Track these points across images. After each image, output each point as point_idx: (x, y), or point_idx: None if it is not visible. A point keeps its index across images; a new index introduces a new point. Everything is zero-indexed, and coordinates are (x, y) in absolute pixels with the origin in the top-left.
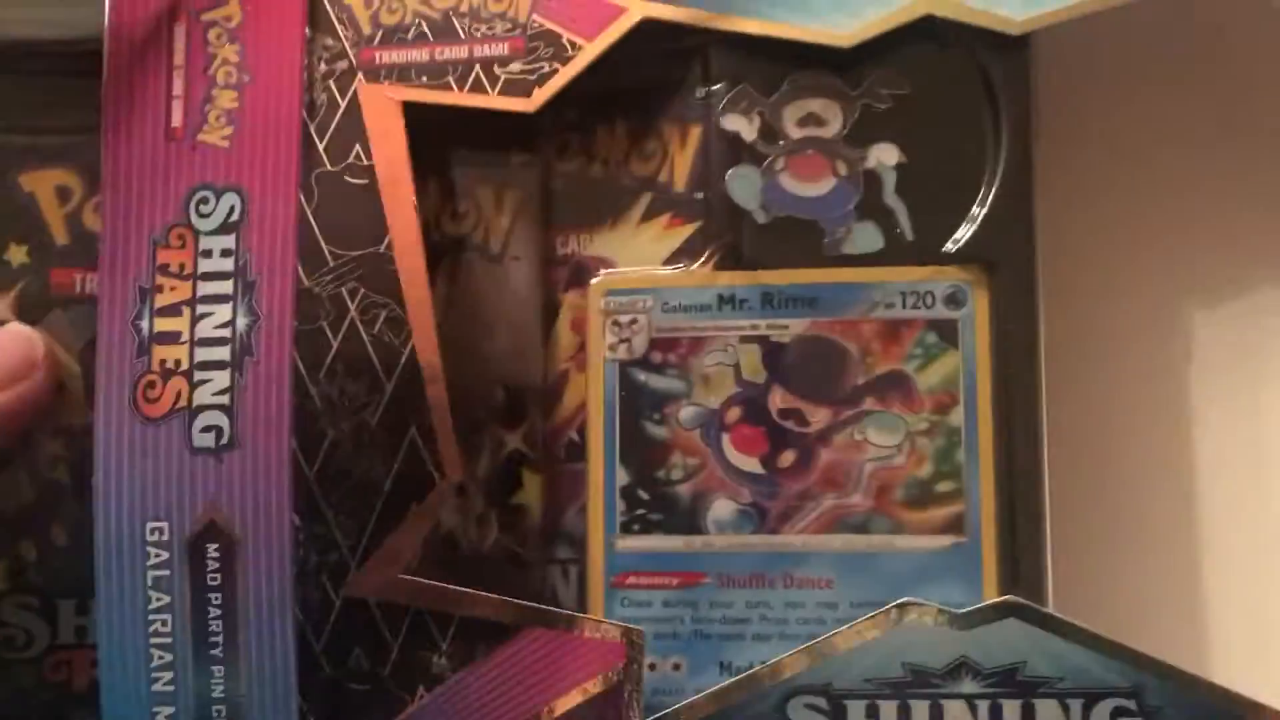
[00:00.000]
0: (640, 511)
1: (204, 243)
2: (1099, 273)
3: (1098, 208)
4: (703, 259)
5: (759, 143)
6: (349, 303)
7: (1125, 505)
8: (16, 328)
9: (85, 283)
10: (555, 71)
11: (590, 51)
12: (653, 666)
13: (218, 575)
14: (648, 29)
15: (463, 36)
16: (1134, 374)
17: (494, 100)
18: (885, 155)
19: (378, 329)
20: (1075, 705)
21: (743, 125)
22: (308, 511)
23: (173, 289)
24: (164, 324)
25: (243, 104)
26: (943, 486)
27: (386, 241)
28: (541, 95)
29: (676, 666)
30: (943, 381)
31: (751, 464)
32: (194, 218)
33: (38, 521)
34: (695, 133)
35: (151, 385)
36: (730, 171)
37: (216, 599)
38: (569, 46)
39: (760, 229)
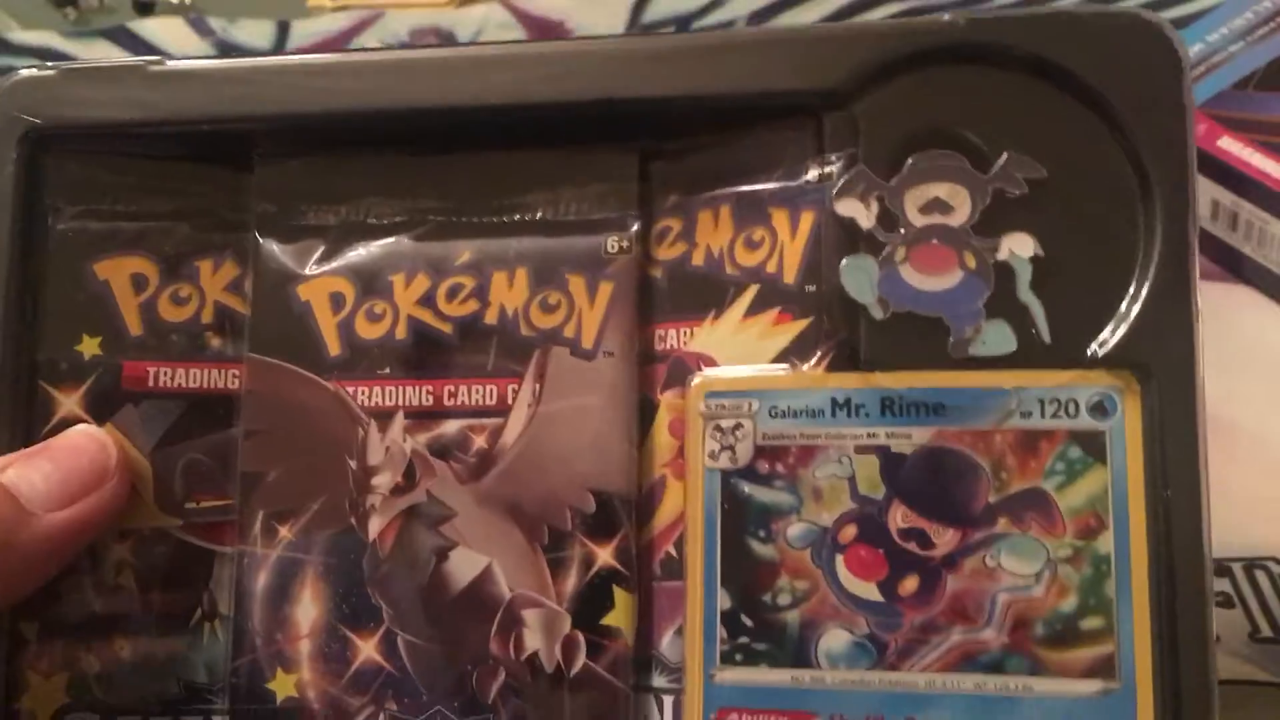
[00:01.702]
0: (743, 640)
1: None
2: None
3: None
4: (814, 359)
5: (877, 230)
6: None
7: None
8: (90, 432)
9: (159, 377)
10: None
11: None
12: None
13: None
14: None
15: None
16: None
17: None
18: (1019, 246)
19: None
20: None
21: (859, 211)
22: None
23: None
24: None
25: None
26: (1090, 623)
27: None
28: None
29: None
30: (1088, 502)
31: (869, 590)
32: None
33: (102, 631)
34: (808, 219)
35: None
36: (845, 261)
37: None
38: None
39: (878, 326)
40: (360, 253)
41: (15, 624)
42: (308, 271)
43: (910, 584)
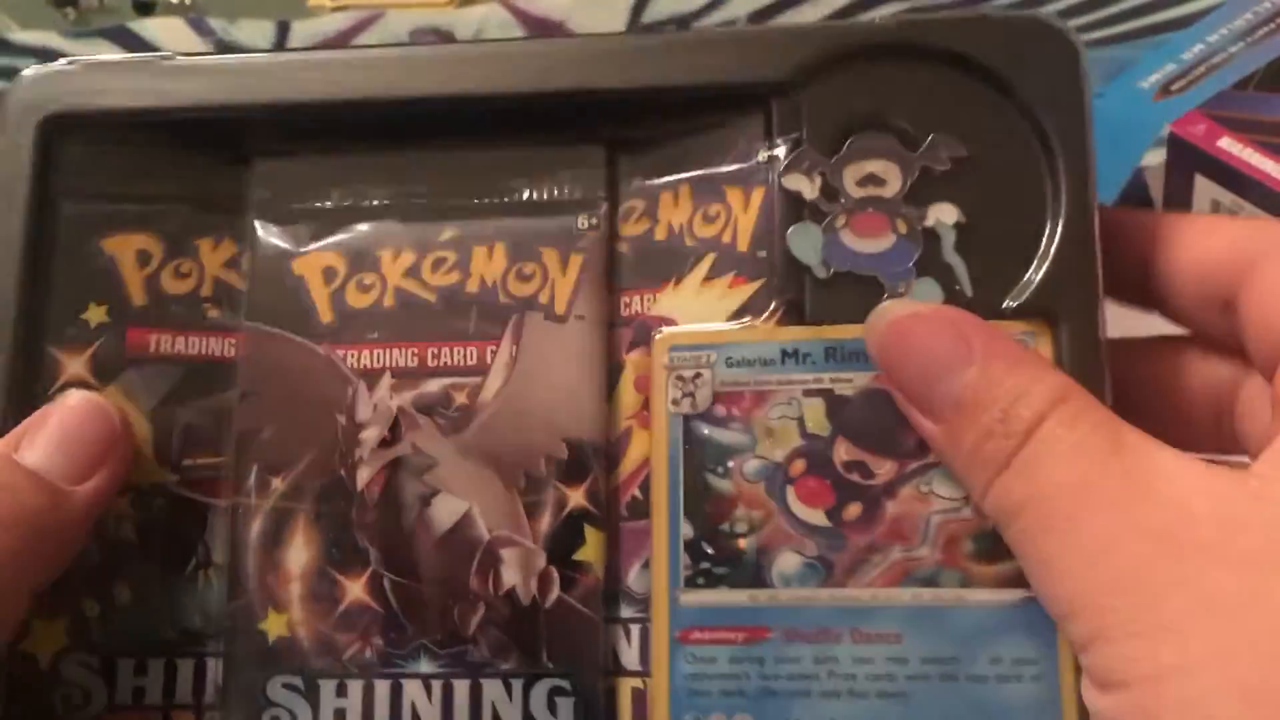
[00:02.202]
0: (705, 565)
1: None
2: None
3: None
4: (766, 315)
5: (820, 201)
6: None
7: None
8: (94, 399)
9: (159, 343)
10: None
11: None
12: None
13: None
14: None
15: None
16: None
17: None
18: (944, 214)
19: None
20: None
21: (804, 185)
22: None
23: None
24: None
25: None
26: None
27: None
28: None
29: None
30: None
31: (817, 516)
32: None
33: (102, 579)
34: (758, 195)
35: None
36: (792, 229)
37: None
38: None
39: (821, 284)
40: (351, 232)
41: None
42: (301, 249)
43: (854, 510)
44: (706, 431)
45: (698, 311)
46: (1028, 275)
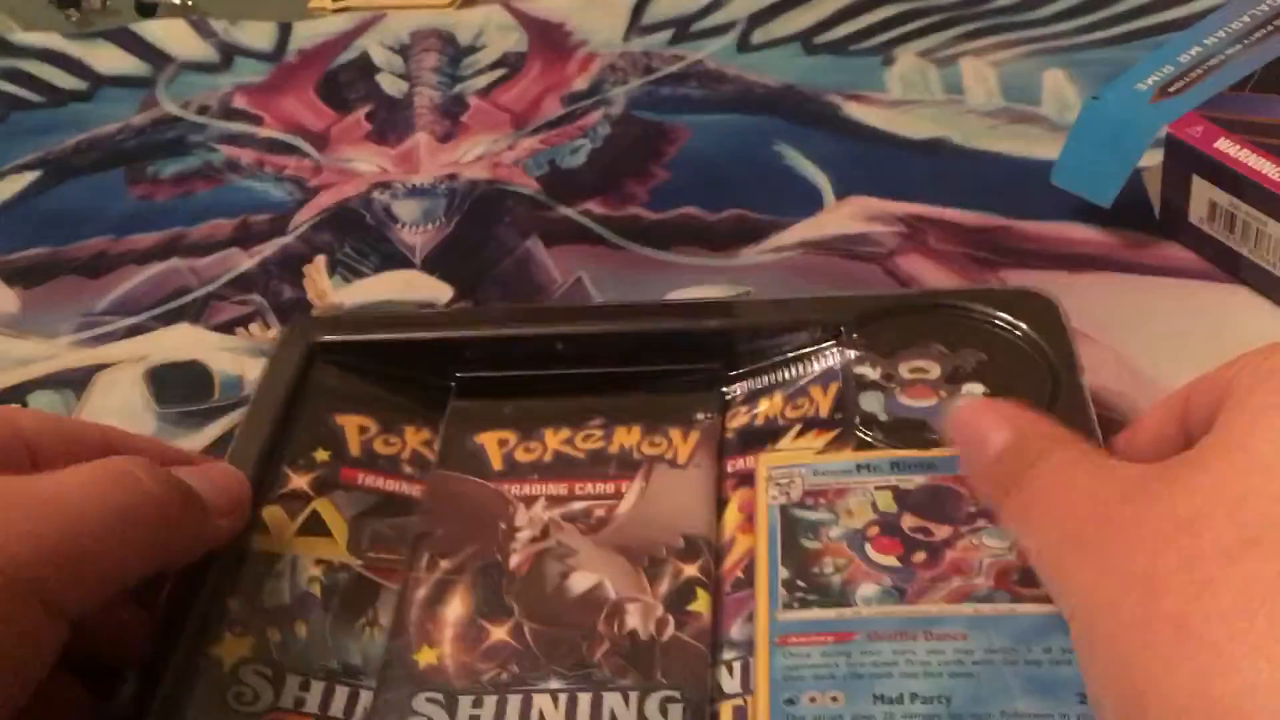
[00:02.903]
0: (799, 594)
1: None
2: None
3: None
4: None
5: (881, 380)
6: None
7: None
8: (232, 469)
9: (364, 479)
10: None
11: None
12: (813, 699)
13: None
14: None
15: None
16: None
17: None
18: (974, 389)
19: None
20: None
21: (869, 370)
22: None
23: None
24: None
25: None
26: None
27: None
28: None
29: (835, 699)
30: None
31: (890, 561)
32: None
33: (287, 616)
34: (832, 388)
35: None
36: (861, 395)
37: None
38: None
39: (883, 425)
40: (523, 420)
41: (223, 598)
42: (483, 430)
43: (920, 556)
44: (798, 514)
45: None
46: None
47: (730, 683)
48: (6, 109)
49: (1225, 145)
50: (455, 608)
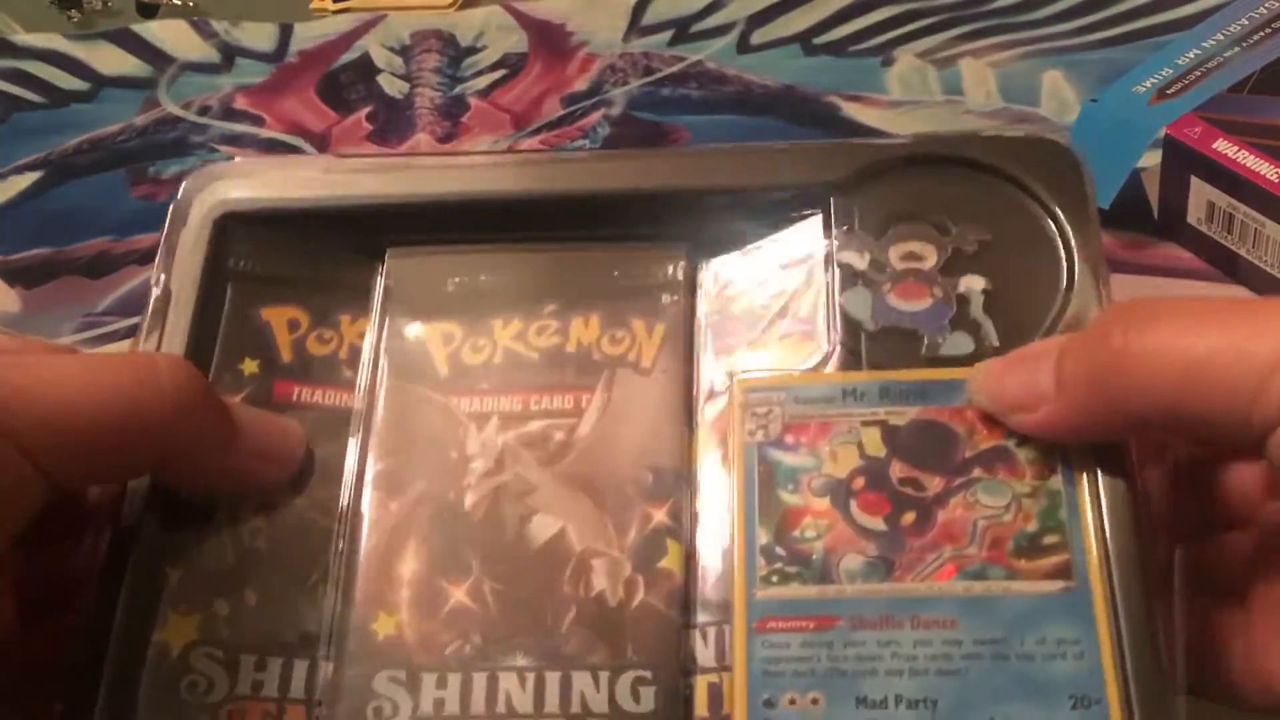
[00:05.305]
0: (778, 565)
1: None
2: None
3: None
4: (829, 365)
5: (869, 272)
6: None
7: None
8: (294, 426)
9: (300, 395)
10: None
11: None
12: (793, 701)
13: None
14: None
15: None
16: None
17: None
18: (973, 283)
19: None
20: None
21: (856, 259)
22: None
23: None
24: None
25: None
26: (1049, 540)
27: None
28: None
29: (815, 701)
30: (1041, 455)
31: (877, 523)
32: None
33: (233, 583)
34: (818, 273)
35: None
36: (846, 292)
37: None
38: None
39: (872, 336)
40: (469, 306)
41: (161, 567)
42: (425, 322)
43: (909, 518)
44: (777, 455)
45: (769, 364)
46: (1047, 326)
47: (705, 653)
48: (8, 109)
49: (1224, 146)
50: (410, 563)
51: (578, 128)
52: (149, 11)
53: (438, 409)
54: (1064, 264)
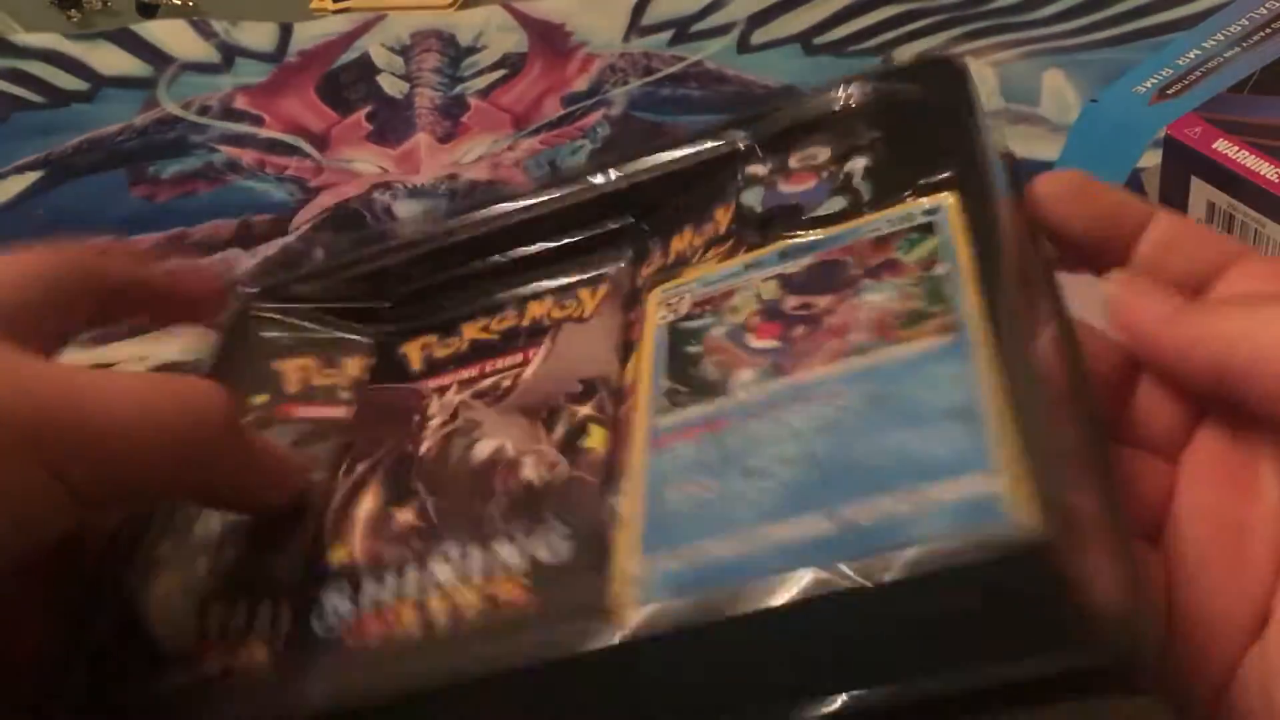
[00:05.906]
0: (680, 398)
1: None
2: None
3: None
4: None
5: (768, 175)
6: None
7: None
8: (299, 456)
9: (299, 412)
10: None
11: None
12: (687, 490)
13: None
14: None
15: None
16: None
17: None
18: (858, 164)
19: None
20: None
21: (759, 169)
22: None
23: None
24: None
25: None
26: (934, 308)
27: None
28: None
29: (707, 487)
30: (927, 253)
31: (770, 344)
32: None
33: (217, 547)
34: (733, 200)
35: None
36: (743, 193)
37: None
38: None
39: (762, 217)
40: (440, 317)
41: (153, 548)
42: (407, 340)
43: (800, 330)
44: (684, 325)
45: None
46: (924, 180)
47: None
48: (8, 109)
49: (1224, 146)
50: (367, 504)
51: (578, 128)
52: (149, 11)
53: (408, 392)
54: (953, 153)
